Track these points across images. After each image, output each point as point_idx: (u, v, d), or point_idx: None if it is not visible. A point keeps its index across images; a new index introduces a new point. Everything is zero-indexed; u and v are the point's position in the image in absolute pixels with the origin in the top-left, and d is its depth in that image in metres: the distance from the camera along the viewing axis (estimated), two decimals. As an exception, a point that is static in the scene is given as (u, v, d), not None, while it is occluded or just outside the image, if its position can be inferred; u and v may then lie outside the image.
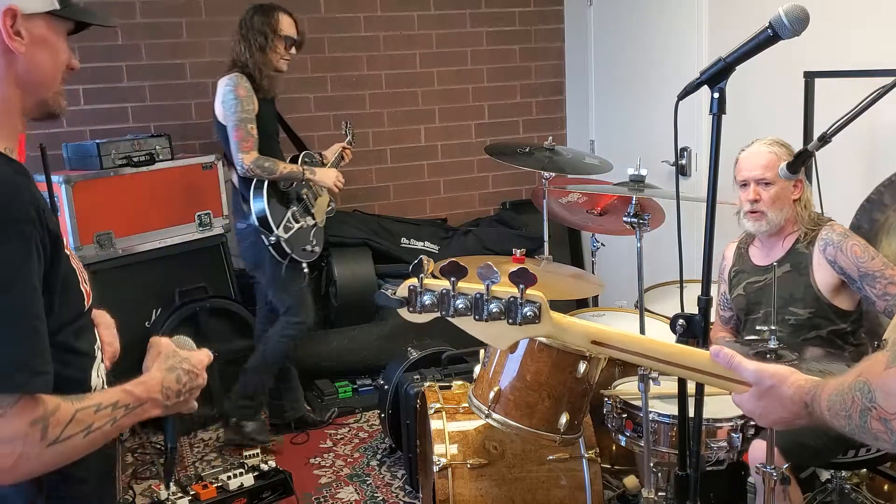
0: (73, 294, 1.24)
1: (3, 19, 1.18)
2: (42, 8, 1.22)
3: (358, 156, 4.93)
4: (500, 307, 1.10)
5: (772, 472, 2.14)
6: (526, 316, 1.10)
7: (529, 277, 1.09)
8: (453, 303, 1.10)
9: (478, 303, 1.10)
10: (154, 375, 1.30)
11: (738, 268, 2.74)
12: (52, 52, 1.26)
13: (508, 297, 1.11)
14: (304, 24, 4.63)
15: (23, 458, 1.10)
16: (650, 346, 1.21)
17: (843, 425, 1.13)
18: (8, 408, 1.07)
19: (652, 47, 4.38)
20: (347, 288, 4.44)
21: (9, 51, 1.20)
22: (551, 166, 3.18)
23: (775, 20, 1.50)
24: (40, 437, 1.10)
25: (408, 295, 1.11)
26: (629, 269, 2.83)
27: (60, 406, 1.13)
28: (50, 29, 1.25)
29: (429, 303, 1.10)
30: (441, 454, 2.54)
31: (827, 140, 2.00)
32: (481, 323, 1.11)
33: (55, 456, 1.13)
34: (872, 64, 2.94)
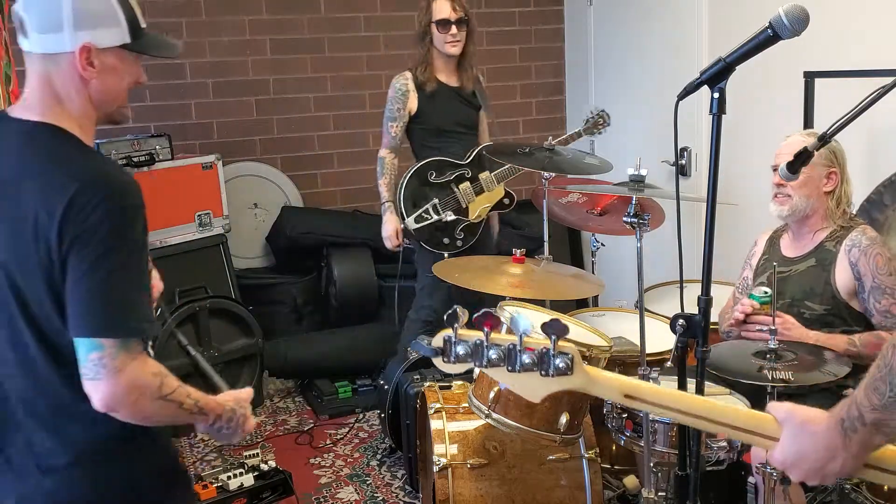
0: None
1: (80, 54, 1.40)
2: (114, 43, 1.43)
3: (358, 156, 4.94)
4: (533, 358, 1.11)
5: (772, 472, 2.15)
6: (558, 367, 1.11)
7: (561, 328, 1.09)
8: (487, 354, 1.11)
9: (510, 354, 1.11)
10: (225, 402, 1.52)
11: (767, 256, 2.71)
12: (119, 77, 1.46)
13: (541, 349, 1.11)
14: (304, 24, 4.67)
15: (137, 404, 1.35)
16: (683, 401, 1.20)
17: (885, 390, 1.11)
18: (139, 354, 1.35)
19: (652, 47, 4.38)
20: (347, 288, 4.44)
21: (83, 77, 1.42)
22: (551, 166, 3.18)
23: (775, 20, 1.50)
24: (157, 387, 1.37)
25: (442, 345, 1.12)
26: (629, 269, 2.83)
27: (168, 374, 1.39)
28: (119, 58, 1.45)
29: (462, 353, 1.11)
30: (441, 454, 2.54)
31: (827, 140, 2.00)
32: (514, 374, 1.11)
33: (155, 410, 1.38)
34: (872, 64, 2.94)
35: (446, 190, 3.63)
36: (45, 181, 1.35)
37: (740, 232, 3.72)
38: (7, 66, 2.63)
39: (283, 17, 4.62)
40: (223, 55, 4.53)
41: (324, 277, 4.58)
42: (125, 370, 1.33)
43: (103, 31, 1.41)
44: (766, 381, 2.05)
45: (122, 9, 1.42)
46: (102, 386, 1.33)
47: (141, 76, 1.51)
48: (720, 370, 2.13)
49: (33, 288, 1.36)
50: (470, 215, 3.65)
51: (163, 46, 1.51)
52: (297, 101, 4.73)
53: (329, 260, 4.50)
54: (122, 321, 1.34)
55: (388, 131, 3.64)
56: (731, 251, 3.70)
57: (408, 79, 3.60)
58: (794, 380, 2.06)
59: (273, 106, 4.68)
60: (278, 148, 4.73)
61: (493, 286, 2.76)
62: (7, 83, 2.59)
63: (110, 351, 1.33)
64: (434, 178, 3.61)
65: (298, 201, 4.76)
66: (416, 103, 3.59)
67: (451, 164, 3.64)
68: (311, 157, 4.84)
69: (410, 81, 3.59)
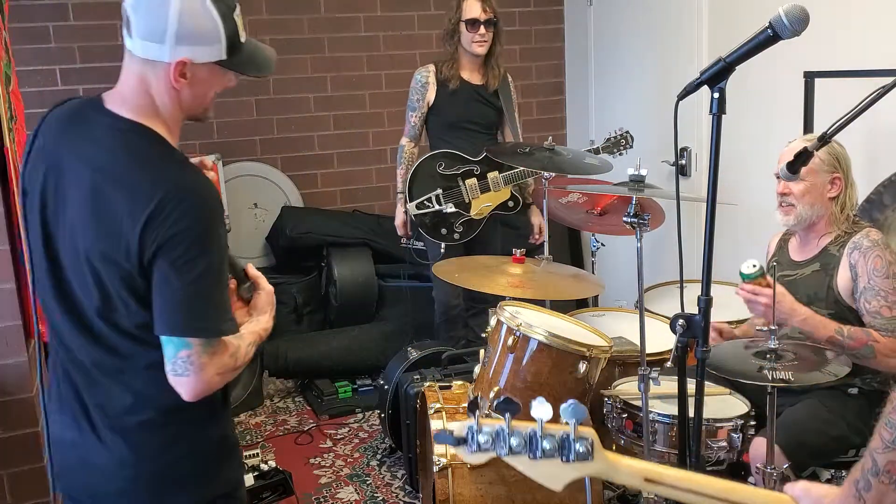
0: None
1: (175, 68, 1.47)
2: (211, 59, 1.50)
3: (358, 156, 4.94)
4: (553, 444, 1.11)
5: (772, 471, 2.15)
6: (579, 453, 1.11)
7: (580, 412, 1.10)
8: (508, 441, 1.11)
9: (531, 440, 1.11)
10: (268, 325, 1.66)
11: (777, 258, 2.70)
12: (208, 87, 1.55)
13: (561, 434, 1.12)
14: (304, 24, 4.67)
15: (223, 380, 1.51)
16: (705, 484, 1.20)
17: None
18: (219, 346, 1.48)
19: (652, 47, 4.38)
20: (347, 288, 4.44)
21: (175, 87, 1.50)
22: (551, 166, 3.18)
23: (775, 20, 1.50)
24: (233, 364, 1.52)
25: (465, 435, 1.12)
26: (629, 269, 2.83)
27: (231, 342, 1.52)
28: (211, 71, 1.53)
29: (484, 442, 1.11)
30: (441, 454, 2.54)
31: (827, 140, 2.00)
32: (535, 462, 1.11)
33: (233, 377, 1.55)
34: (872, 64, 2.94)
35: (452, 182, 3.70)
36: (133, 186, 1.43)
37: (740, 232, 3.72)
38: (7, 66, 2.62)
39: (283, 17, 4.62)
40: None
41: (324, 277, 4.58)
42: (209, 365, 1.46)
43: (203, 48, 1.48)
44: (766, 381, 2.05)
45: (224, 27, 1.49)
46: (190, 382, 1.46)
47: (231, 82, 1.59)
48: (720, 370, 2.13)
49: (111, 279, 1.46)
50: (471, 211, 3.71)
51: (255, 64, 1.58)
52: (297, 101, 4.73)
53: (329, 260, 4.50)
54: (208, 322, 1.46)
55: (409, 120, 3.79)
56: (731, 251, 3.70)
57: (430, 71, 3.72)
58: (794, 380, 2.06)
59: (273, 106, 4.68)
60: (278, 148, 4.73)
61: (493, 286, 2.76)
62: (7, 83, 2.58)
63: (197, 350, 1.45)
64: (442, 169, 3.70)
65: (298, 201, 4.76)
66: (434, 96, 3.71)
67: (462, 159, 3.71)
68: (311, 157, 4.84)
69: (432, 74, 3.71)
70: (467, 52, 3.66)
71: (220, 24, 1.48)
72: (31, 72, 4.10)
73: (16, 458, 2.51)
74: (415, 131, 3.78)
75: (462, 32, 3.63)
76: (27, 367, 2.49)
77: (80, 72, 4.25)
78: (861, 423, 2.41)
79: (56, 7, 4.17)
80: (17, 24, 3.90)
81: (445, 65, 3.70)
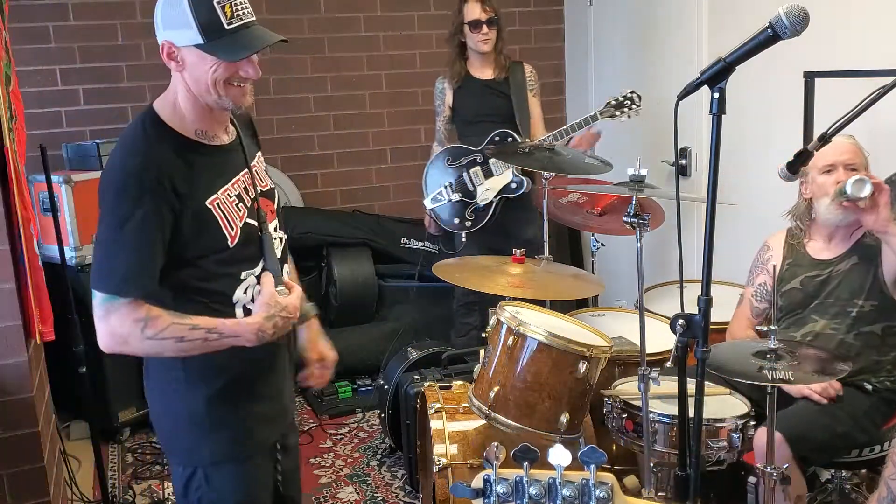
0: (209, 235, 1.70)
1: (162, 49, 1.67)
2: (188, 42, 1.64)
3: (358, 156, 4.94)
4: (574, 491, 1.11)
5: (772, 472, 2.15)
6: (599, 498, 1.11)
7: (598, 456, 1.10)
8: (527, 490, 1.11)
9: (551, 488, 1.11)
10: (252, 322, 1.71)
11: (791, 261, 2.68)
12: (202, 72, 1.66)
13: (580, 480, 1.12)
14: (304, 24, 4.67)
15: (127, 344, 1.64)
16: None
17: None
18: (121, 306, 1.62)
19: (652, 47, 4.38)
20: (347, 288, 4.44)
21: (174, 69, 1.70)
22: (551, 166, 3.18)
23: (775, 20, 1.50)
24: (140, 331, 1.62)
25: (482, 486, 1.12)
26: (629, 269, 2.83)
27: (162, 316, 1.63)
28: (198, 56, 1.65)
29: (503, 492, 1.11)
30: (441, 454, 2.54)
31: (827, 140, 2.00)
32: None
33: (152, 347, 1.66)
34: (872, 64, 2.94)
35: (458, 173, 3.88)
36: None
37: (740, 232, 3.72)
38: (7, 66, 2.62)
39: (283, 17, 4.62)
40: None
41: (324, 277, 4.58)
42: (107, 320, 1.63)
43: (179, 32, 1.64)
44: (766, 381, 2.05)
45: (193, 13, 1.61)
46: (96, 328, 1.65)
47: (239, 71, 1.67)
48: (720, 370, 2.13)
49: None
50: (477, 198, 3.85)
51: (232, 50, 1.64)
52: (297, 101, 4.73)
53: (329, 260, 4.50)
54: (102, 279, 1.64)
55: (436, 126, 4.03)
56: (731, 251, 3.70)
57: (446, 77, 3.93)
58: (794, 380, 2.06)
59: (273, 106, 4.68)
60: (278, 148, 4.73)
61: (493, 286, 2.76)
62: (7, 83, 2.58)
63: (97, 301, 1.64)
64: (449, 163, 3.90)
65: (298, 201, 4.76)
66: (452, 98, 3.91)
67: (465, 151, 3.89)
68: (311, 157, 4.84)
69: (446, 81, 3.91)
70: (474, 51, 3.82)
71: (188, 10, 1.61)
72: (31, 72, 4.10)
73: (16, 458, 2.51)
74: (440, 135, 4.01)
75: (467, 34, 3.79)
76: (27, 367, 2.49)
77: (80, 72, 4.25)
78: (868, 422, 2.42)
79: (56, 7, 4.17)
80: (17, 24, 3.90)
81: (448, 68, 3.88)
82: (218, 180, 1.74)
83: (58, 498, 2.71)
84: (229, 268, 1.76)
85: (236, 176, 1.79)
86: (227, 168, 1.78)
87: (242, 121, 1.91)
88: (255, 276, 1.79)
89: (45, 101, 4.19)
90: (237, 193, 1.77)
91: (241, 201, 1.77)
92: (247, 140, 1.89)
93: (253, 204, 1.80)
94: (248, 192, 1.80)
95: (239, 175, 1.80)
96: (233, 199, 1.75)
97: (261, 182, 1.87)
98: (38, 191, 3.56)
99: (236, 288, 1.77)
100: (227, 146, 1.81)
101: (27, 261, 2.46)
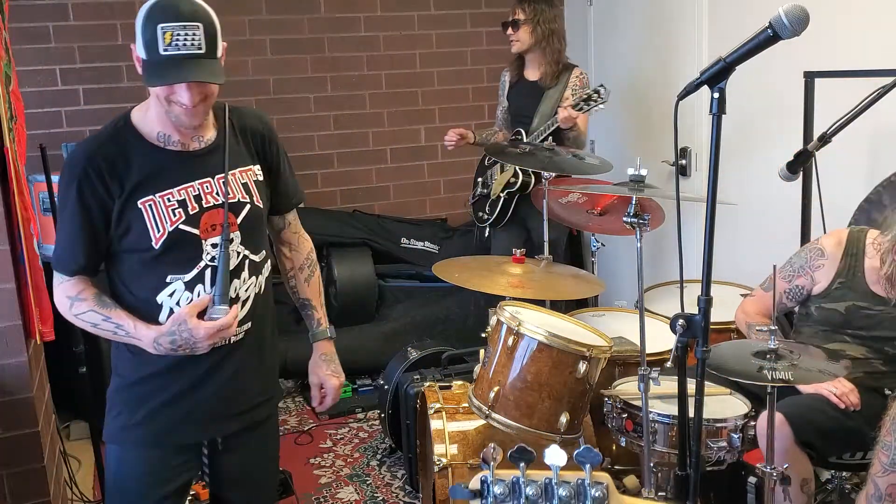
0: (135, 233, 1.76)
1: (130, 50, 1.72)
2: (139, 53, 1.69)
3: (358, 156, 4.94)
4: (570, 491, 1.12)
5: (772, 471, 2.15)
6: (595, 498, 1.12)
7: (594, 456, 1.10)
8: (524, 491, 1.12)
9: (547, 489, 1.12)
10: (149, 333, 1.77)
11: (844, 281, 2.51)
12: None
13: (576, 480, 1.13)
14: (304, 24, 4.67)
15: (65, 314, 1.84)
16: None
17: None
18: (63, 282, 1.83)
19: (652, 47, 4.38)
20: (347, 288, 4.44)
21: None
22: (551, 166, 3.18)
23: (775, 20, 1.50)
24: (67, 308, 1.82)
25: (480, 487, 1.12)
26: (629, 269, 2.83)
27: (87, 300, 1.80)
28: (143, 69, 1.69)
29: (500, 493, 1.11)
30: (441, 454, 2.54)
31: (827, 140, 2.00)
32: None
33: (76, 323, 1.83)
34: (872, 64, 2.94)
35: (486, 172, 4.09)
36: None
37: (740, 232, 3.72)
38: (7, 66, 2.62)
39: (283, 17, 4.62)
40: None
41: (324, 277, 4.58)
42: (55, 290, 1.84)
43: (137, 41, 1.68)
44: (766, 381, 2.05)
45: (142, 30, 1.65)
46: None
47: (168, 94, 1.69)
48: (720, 370, 2.13)
49: None
50: (492, 193, 4.00)
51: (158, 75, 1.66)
52: (297, 101, 4.73)
53: (329, 260, 4.50)
54: (53, 255, 1.82)
55: (496, 112, 4.15)
56: (731, 251, 3.70)
57: (508, 71, 4.05)
58: (794, 379, 2.06)
59: (273, 106, 4.67)
60: (278, 148, 4.73)
61: (493, 286, 2.76)
62: (7, 83, 2.58)
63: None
64: (487, 162, 4.11)
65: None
66: (507, 92, 4.04)
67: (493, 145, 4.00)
68: (311, 157, 4.84)
69: (508, 73, 4.05)
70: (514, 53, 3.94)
71: (140, 25, 1.66)
72: (31, 72, 4.09)
73: (16, 458, 2.51)
74: (499, 122, 4.12)
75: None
76: (27, 367, 2.49)
77: (80, 72, 4.25)
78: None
79: (56, 7, 4.17)
80: (17, 24, 3.90)
81: (512, 63, 4.01)
82: (162, 183, 1.77)
83: (58, 498, 2.70)
84: (154, 270, 1.79)
85: (190, 182, 1.80)
86: (181, 173, 1.79)
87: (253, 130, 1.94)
88: (183, 282, 1.80)
89: (45, 101, 4.19)
90: (181, 199, 1.78)
91: (181, 207, 1.78)
92: (239, 149, 1.90)
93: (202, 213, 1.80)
94: (200, 200, 1.80)
95: (194, 182, 1.80)
96: (171, 204, 1.77)
97: (233, 194, 1.85)
98: (38, 191, 3.55)
99: (161, 291, 1.80)
100: (194, 152, 1.83)
101: (27, 261, 2.46)
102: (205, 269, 1.81)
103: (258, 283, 1.94)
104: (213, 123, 1.87)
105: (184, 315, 1.76)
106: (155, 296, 1.80)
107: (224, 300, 1.80)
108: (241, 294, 1.88)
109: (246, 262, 1.88)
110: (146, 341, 1.78)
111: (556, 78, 3.82)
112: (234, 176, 1.86)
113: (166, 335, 1.76)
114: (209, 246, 1.81)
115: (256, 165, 1.93)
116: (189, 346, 1.77)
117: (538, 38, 3.79)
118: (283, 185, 2.03)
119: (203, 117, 1.78)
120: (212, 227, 1.81)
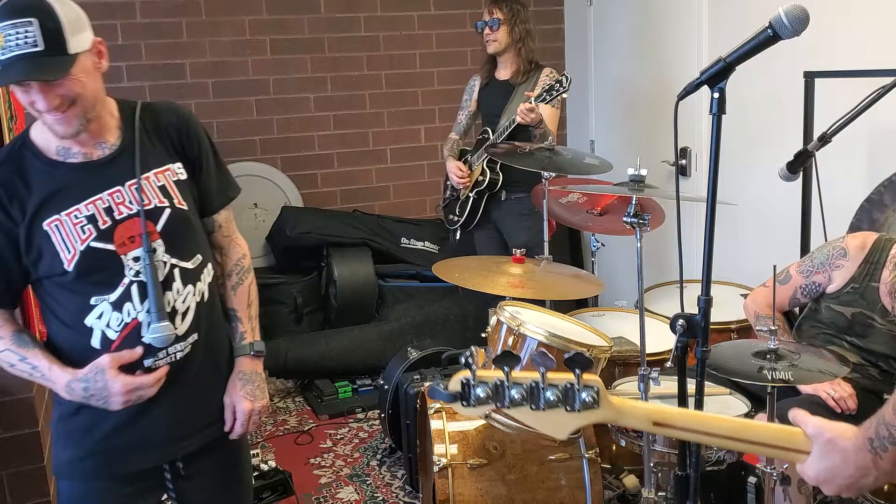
0: (47, 257, 1.65)
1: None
2: None
3: (358, 156, 4.94)
4: (557, 394, 1.06)
5: (772, 471, 2.15)
6: (584, 402, 1.07)
7: (585, 362, 1.06)
8: (508, 393, 1.06)
9: (534, 391, 1.06)
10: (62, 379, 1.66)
11: (857, 286, 2.46)
12: None
13: (565, 384, 1.07)
14: (304, 24, 4.67)
15: None
16: (712, 424, 1.17)
17: None
18: None
19: (652, 47, 4.38)
20: (347, 288, 4.44)
21: None
22: (551, 166, 3.18)
23: (775, 20, 1.49)
24: None
25: (461, 389, 1.06)
26: (629, 269, 2.83)
27: (4, 338, 1.69)
28: None
29: (483, 395, 1.05)
30: (441, 454, 2.54)
31: (827, 140, 2.00)
32: (538, 412, 1.07)
33: None
34: (872, 64, 2.94)
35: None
36: None
37: (740, 232, 3.72)
38: (7, 66, 2.62)
39: (283, 17, 4.62)
40: (223, 55, 4.53)
41: (324, 277, 4.58)
42: None
43: None
44: (766, 381, 2.05)
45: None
46: None
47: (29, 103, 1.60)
48: (720, 370, 2.13)
49: None
50: (461, 194, 3.95)
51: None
52: (297, 101, 4.73)
53: (329, 260, 4.50)
54: None
55: (457, 118, 4.09)
56: (731, 251, 3.70)
57: (478, 76, 4.01)
58: (794, 379, 2.06)
59: (273, 106, 4.68)
60: (278, 148, 4.73)
61: (492, 286, 2.76)
62: (7, 83, 2.58)
63: None
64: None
65: (298, 201, 4.76)
66: (476, 95, 4.00)
67: (464, 151, 4.01)
68: (311, 157, 4.84)
69: (478, 78, 4.01)
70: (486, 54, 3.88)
71: None
72: (31, 72, 4.09)
73: (16, 458, 2.51)
74: (459, 127, 4.07)
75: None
76: (27, 367, 2.49)
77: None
78: None
79: (56, 7, 4.17)
80: (17, 24, 3.90)
81: (483, 66, 3.97)
82: (66, 200, 1.64)
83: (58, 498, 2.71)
84: (76, 293, 1.67)
85: (98, 194, 1.67)
86: (86, 186, 1.66)
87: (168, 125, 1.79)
88: (109, 303, 1.67)
89: (45, 101, 4.18)
90: (90, 214, 1.65)
91: (91, 223, 1.65)
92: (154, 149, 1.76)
93: (115, 226, 1.66)
94: (112, 212, 1.67)
95: (103, 193, 1.67)
96: (79, 221, 1.64)
97: (148, 199, 1.70)
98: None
99: (88, 314, 1.67)
100: (98, 161, 1.69)
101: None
102: (130, 285, 1.67)
103: (197, 291, 1.77)
104: (117, 126, 1.73)
105: (104, 364, 1.64)
106: (82, 320, 1.67)
107: (162, 317, 1.67)
108: (178, 307, 1.72)
109: (176, 272, 1.72)
110: (59, 385, 1.66)
111: (527, 75, 3.82)
112: (147, 180, 1.71)
113: (80, 381, 1.65)
114: (130, 260, 1.67)
115: (177, 163, 1.78)
116: (102, 398, 1.65)
117: (515, 38, 3.77)
118: (207, 183, 1.84)
119: (79, 123, 1.62)
120: (129, 239, 1.66)
